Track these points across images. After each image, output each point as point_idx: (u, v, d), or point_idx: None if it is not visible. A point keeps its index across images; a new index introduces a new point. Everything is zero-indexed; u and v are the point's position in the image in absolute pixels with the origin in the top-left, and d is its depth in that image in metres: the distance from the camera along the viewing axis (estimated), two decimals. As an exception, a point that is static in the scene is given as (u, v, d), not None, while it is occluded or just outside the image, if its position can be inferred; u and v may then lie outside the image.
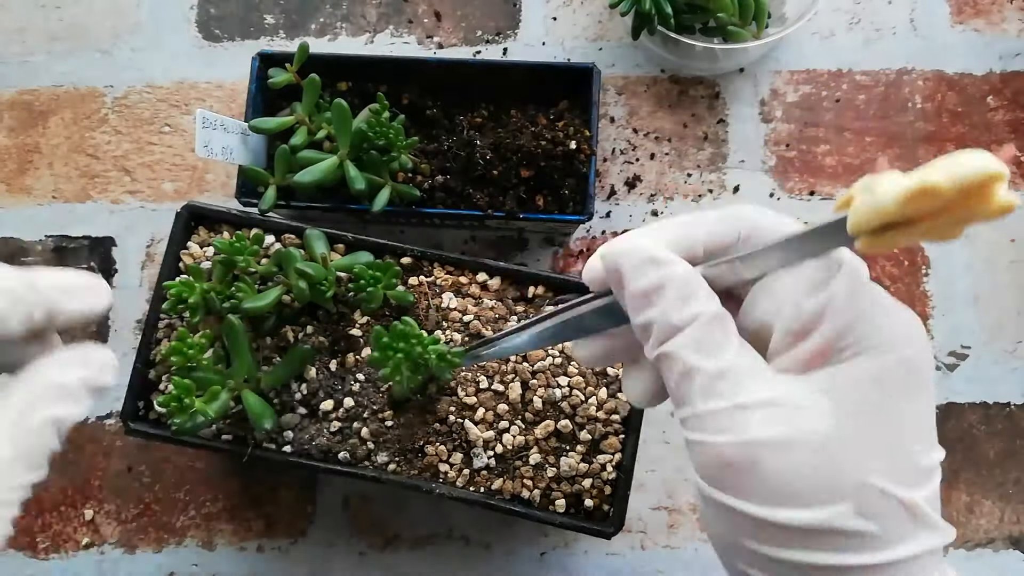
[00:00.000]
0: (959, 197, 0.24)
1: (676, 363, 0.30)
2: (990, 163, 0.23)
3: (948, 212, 0.24)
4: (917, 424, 0.28)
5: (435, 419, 0.51)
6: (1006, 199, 0.23)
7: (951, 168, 0.23)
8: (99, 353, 0.36)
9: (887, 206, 0.25)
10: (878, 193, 0.25)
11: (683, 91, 0.68)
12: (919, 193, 0.24)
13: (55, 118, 0.68)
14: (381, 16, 0.70)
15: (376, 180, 0.56)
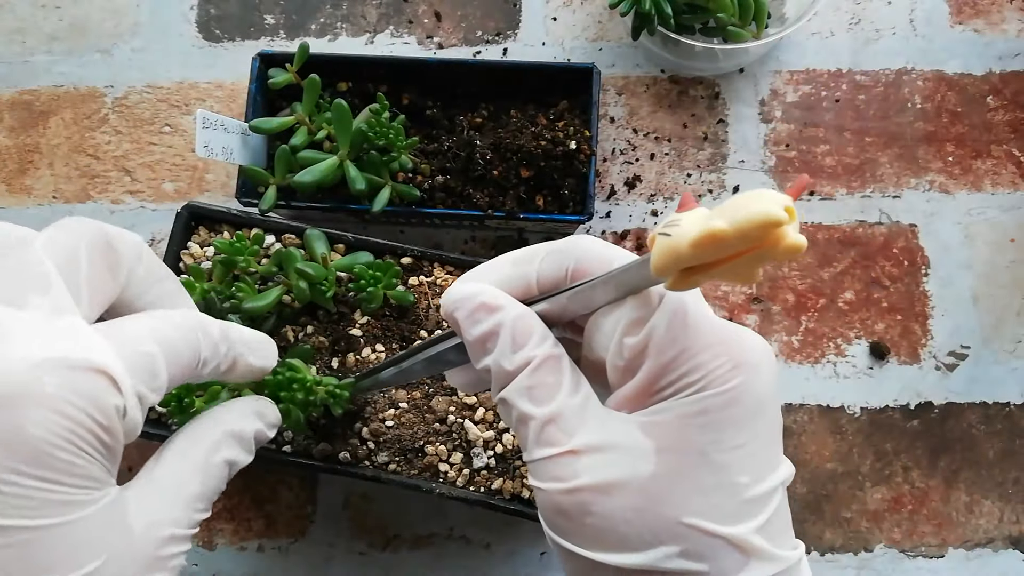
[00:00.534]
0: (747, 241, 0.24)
1: (512, 409, 0.31)
2: (771, 209, 0.23)
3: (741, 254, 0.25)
4: (744, 456, 0.28)
5: (435, 419, 0.51)
6: (794, 241, 0.23)
7: (735, 215, 0.24)
8: (272, 409, 0.40)
9: (681, 252, 0.25)
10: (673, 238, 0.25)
11: (683, 91, 0.68)
12: (707, 239, 0.24)
13: (55, 118, 0.68)
14: (381, 16, 0.70)
15: (376, 180, 0.56)
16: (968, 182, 0.66)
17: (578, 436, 0.29)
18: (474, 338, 0.31)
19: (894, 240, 0.65)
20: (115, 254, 0.33)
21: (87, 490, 0.28)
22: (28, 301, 0.28)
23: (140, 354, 0.29)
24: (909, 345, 0.63)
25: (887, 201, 0.66)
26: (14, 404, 0.25)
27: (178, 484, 0.32)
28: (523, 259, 0.33)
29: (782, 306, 0.64)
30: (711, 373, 0.28)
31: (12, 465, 0.25)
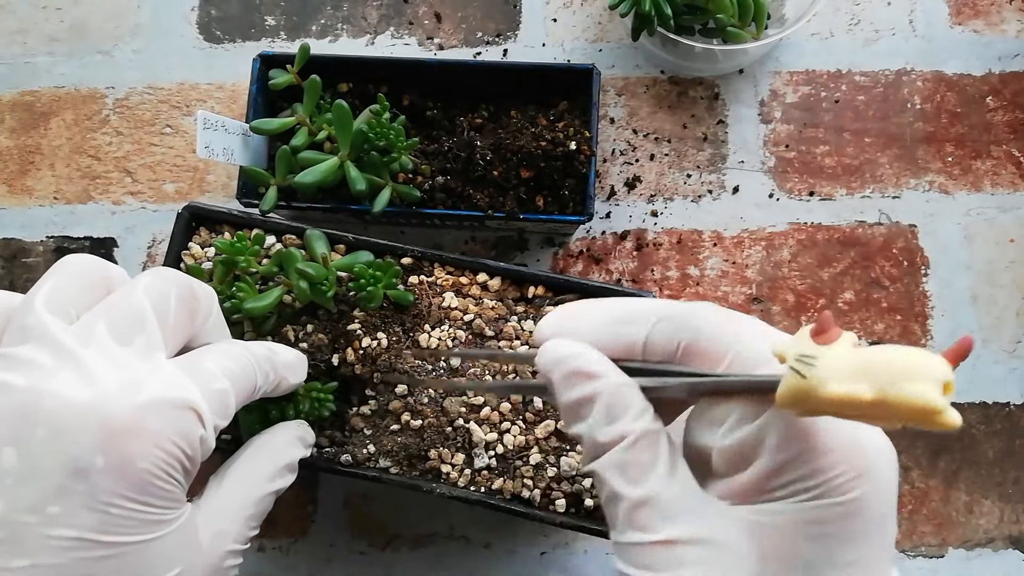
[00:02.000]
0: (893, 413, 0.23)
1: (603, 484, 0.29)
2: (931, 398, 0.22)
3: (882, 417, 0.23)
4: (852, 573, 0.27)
5: (447, 422, 0.51)
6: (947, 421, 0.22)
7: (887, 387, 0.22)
8: (310, 433, 0.45)
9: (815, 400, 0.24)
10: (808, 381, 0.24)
11: (683, 92, 0.68)
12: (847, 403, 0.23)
13: (56, 119, 0.68)
14: (382, 18, 0.70)
15: (377, 181, 0.56)
16: (968, 182, 0.66)
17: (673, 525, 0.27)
18: (568, 403, 0.30)
19: (894, 240, 0.65)
20: (196, 303, 0.36)
21: (171, 510, 0.32)
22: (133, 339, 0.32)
23: (217, 391, 0.34)
24: (909, 345, 0.63)
25: (887, 201, 0.66)
26: (125, 438, 0.30)
27: (239, 507, 0.37)
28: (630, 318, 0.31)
29: (782, 306, 0.64)
30: (830, 481, 0.26)
31: (121, 491, 0.30)
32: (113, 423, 0.29)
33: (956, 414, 0.22)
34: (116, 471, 0.29)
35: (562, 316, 0.33)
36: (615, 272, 0.65)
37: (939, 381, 0.22)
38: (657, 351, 0.30)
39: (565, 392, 0.30)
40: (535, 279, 0.54)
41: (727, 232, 0.65)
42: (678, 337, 0.30)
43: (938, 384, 0.22)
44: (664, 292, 0.64)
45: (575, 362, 0.30)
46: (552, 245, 0.65)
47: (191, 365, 0.34)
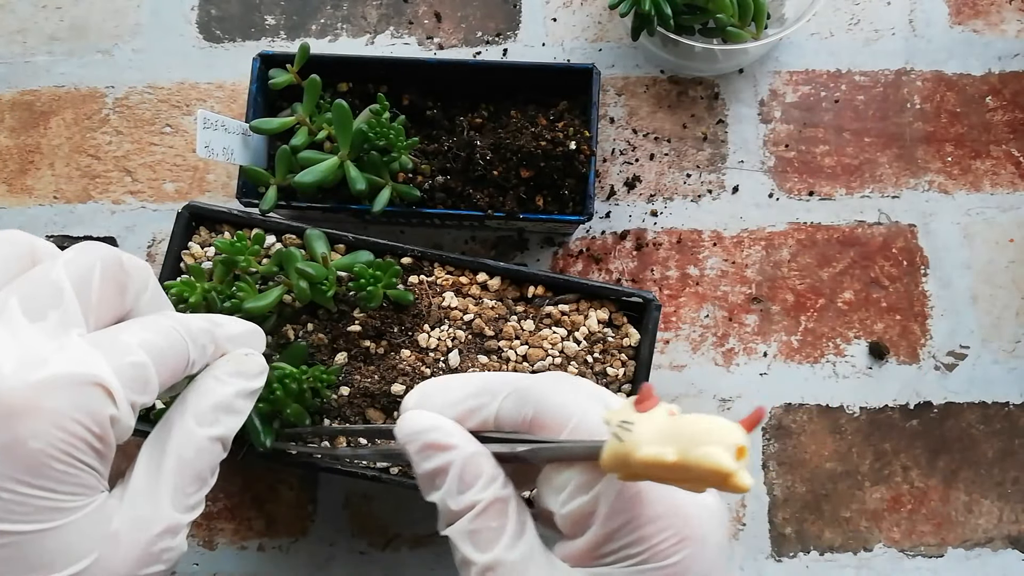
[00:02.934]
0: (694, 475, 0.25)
1: (456, 549, 0.31)
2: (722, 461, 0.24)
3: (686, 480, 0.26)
4: None
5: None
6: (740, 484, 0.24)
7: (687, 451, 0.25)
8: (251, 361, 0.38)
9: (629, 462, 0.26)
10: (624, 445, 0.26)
11: (682, 92, 0.68)
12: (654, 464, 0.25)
13: (56, 119, 0.68)
14: (381, 17, 0.70)
15: (376, 180, 0.56)
16: (967, 182, 0.66)
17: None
18: (424, 472, 0.32)
19: (893, 240, 0.65)
20: (126, 277, 0.34)
21: (78, 496, 0.29)
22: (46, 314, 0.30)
23: (131, 364, 0.31)
24: (908, 345, 0.63)
25: (886, 201, 0.66)
26: (16, 418, 0.27)
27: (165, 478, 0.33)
28: (486, 391, 0.33)
29: (781, 306, 0.64)
30: (654, 547, 0.28)
31: (11, 474, 0.27)
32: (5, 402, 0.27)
33: (747, 478, 0.24)
34: (7, 452, 0.27)
35: (423, 391, 0.34)
36: (615, 272, 0.65)
37: (732, 446, 0.24)
38: (507, 422, 0.32)
39: (420, 463, 0.32)
40: (535, 279, 0.54)
41: (727, 232, 0.65)
42: (524, 410, 0.32)
43: (731, 448, 0.24)
44: (664, 292, 0.64)
45: (430, 435, 0.32)
46: (552, 245, 0.65)
47: (105, 339, 0.31)
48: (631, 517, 0.29)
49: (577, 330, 0.53)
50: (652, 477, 0.26)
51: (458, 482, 0.31)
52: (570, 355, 0.52)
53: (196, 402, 0.35)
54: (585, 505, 0.30)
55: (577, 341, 0.52)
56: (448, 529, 0.31)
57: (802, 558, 0.60)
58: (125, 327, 0.33)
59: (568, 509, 0.30)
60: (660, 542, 0.29)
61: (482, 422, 0.33)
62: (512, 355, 0.52)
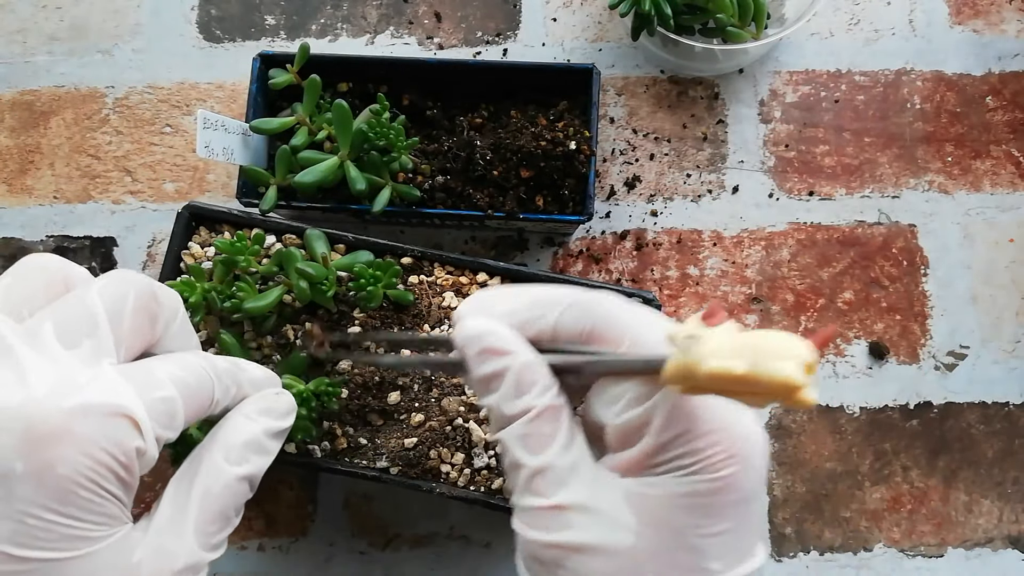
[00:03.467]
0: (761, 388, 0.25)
1: (507, 452, 0.32)
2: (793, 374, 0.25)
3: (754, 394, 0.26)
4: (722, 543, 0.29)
5: (446, 421, 0.51)
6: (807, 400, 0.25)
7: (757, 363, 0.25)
8: (281, 400, 0.39)
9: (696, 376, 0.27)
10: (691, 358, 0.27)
11: (682, 92, 0.68)
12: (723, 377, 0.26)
13: (56, 118, 0.68)
14: (381, 17, 0.70)
15: (376, 180, 0.56)
16: (967, 182, 0.66)
17: (565, 492, 0.30)
18: (479, 376, 0.33)
19: (893, 240, 0.65)
20: (158, 307, 0.35)
21: (101, 526, 0.30)
22: (80, 342, 0.30)
23: (161, 399, 0.31)
24: (908, 345, 0.63)
25: (886, 201, 0.66)
26: (46, 443, 0.27)
27: (190, 513, 0.33)
28: (543, 303, 0.33)
29: (781, 306, 0.64)
30: (705, 459, 0.29)
31: (39, 500, 0.27)
32: (37, 427, 0.27)
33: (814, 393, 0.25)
34: (36, 477, 0.27)
35: (482, 298, 0.34)
36: (615, 272, 0.65)
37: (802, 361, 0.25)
38: (565, 334, 0.33)
39: (478, 366, 0.32)
40: (535, 279, 0.54)
41: (727, 232, 0.65)
42: (583, 322, 0.32)
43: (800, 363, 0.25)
44: (664, 292, 0.64)
45: (488, 339, 0.32)
46: (552, 245, 0.65)
47: (136, 371, 0.32)
48: (684, 430, 0.29)
49: (577, 330, 0.53)
50: (715, 390, 0.27)
51: (514, 387, 0.31)
52: None
53: (226, 439, 0.35)
54: (639, 416, 0.30)
55: (577, 341, 0.52)
56: (501, 432, 0.32)
57: (802, 558, 0.60)
58: (157, 362, 0.33)
59: (622, 420, 0.31)
60: (711, 455, 0.29)
61: (538, 332, 0.33)
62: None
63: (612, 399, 0.32)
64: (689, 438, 0.29)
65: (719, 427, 0.30)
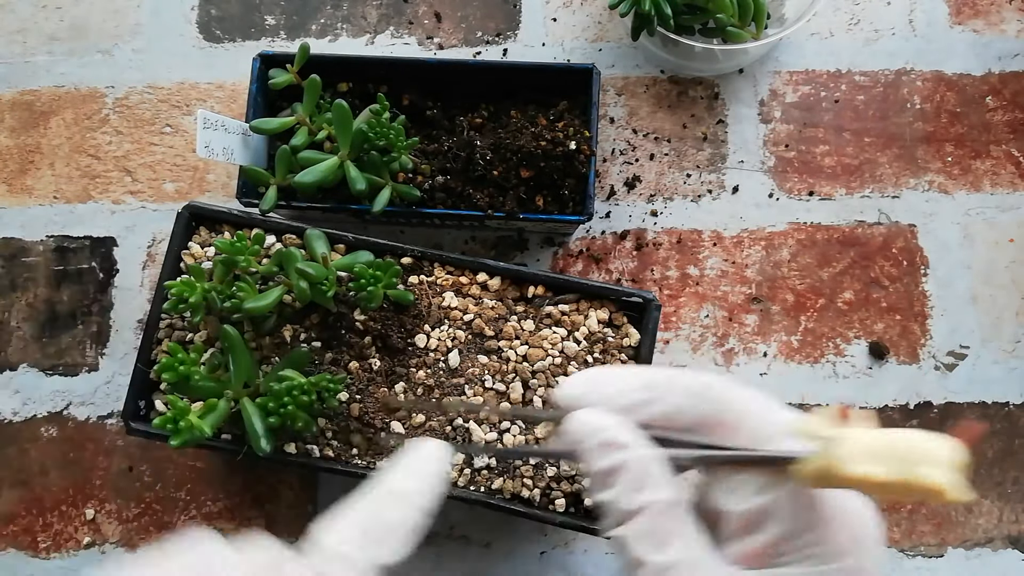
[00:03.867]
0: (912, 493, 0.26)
1: (627, 550, 0.31)
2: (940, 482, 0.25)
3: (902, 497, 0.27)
4: None
5: (446, 422, 0.51)
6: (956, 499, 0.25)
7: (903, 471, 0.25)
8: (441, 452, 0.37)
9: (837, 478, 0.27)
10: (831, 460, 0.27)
11: (682, 92, 0.68)
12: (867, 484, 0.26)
13: (56, 118, 0.68)
14: (381, 17, 0.70)
15: (376, 180, 0.56)
16: (967, 182, 0.66)
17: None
18: (599, 471, 0.32)
19: (893, 240, 0.65)
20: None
21: None
22: None
23: None
24: (908, 345, 0.63)
25: (886, 201, 0.66)
26: None
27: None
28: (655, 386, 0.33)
29: (781, 306, 0.64)
30: (833, 548, 0.29)
31: None
32: None
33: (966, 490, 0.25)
34: None
35: (588, 380, 0.34)
36: (615, 272, 0.65)
37: (950, 465, 0.25)
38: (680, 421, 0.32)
39: (596, 461, 0.32)
40: (535, 279, 0.54)
41: (727, 232, 0.65)
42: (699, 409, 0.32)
43: (949, 469, 0.25)
44: (664, 292, 0.64)
45: (606, 433, 0.32)
46: (552, 245, 0.65)
47: None
48: (813, 517, 0.29)
49: (577, 330, 0.53)
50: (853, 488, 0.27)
51: (634, 482, 0.31)
52: (570, 355, 0.52)
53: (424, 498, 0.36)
54: (765, 504, 0.30)
55: (577, 341, 0.52)
56: (620, 529, 0.31)
57: (802, 558, 0.60)
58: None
59: (745, 508, 0.31)
60: (840, 541, 0.29)
61: (651, 418, 0.32)
62: (512, 355, 0.52)
63: (733, 487, 0.31)
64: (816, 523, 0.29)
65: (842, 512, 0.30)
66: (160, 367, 0.46)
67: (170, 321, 0.53)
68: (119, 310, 0.64)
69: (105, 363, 0.64)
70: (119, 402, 0.54)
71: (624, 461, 0.31)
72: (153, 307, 0.54)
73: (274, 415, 0.46)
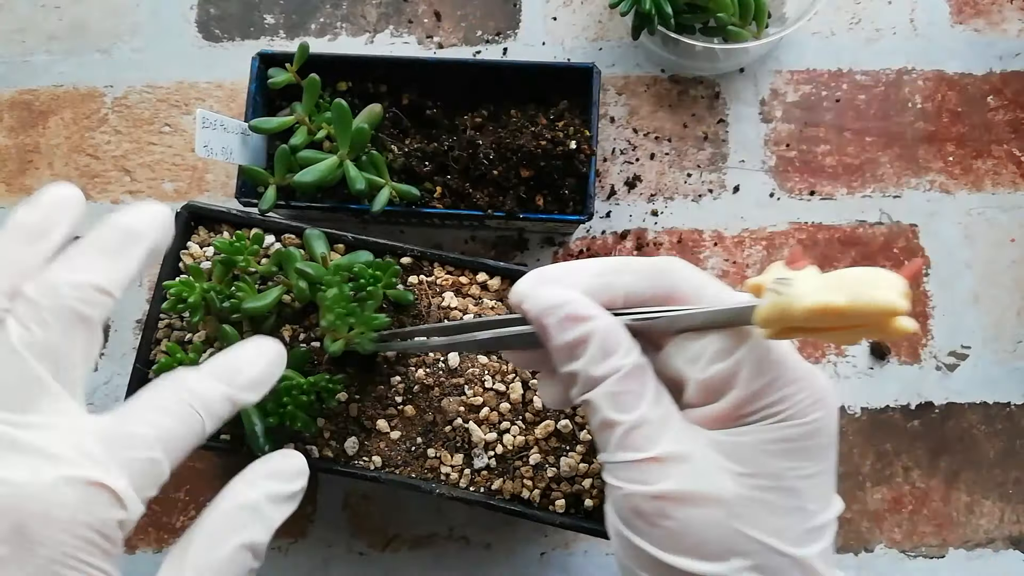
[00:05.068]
0: (859, 320, 0.26)
1: (596, 413, 0.32)
2: (895, 300, 0.25)
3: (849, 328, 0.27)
4: (815, 485, 0.31)
5: (444, 422, 0.51)
6: (906, 328, 0.26)
7: (855, 294, 0.26)
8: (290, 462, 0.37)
9: (792, 315, 0.27)
10: (786, 299, 0.27)
11: (683, 91, 0.68)
12: (822, 312, 0.26)
13: (55, 118, 0.68)
14: (381, 16, 0.70)
15: (376, 180, 0.56)
16: (968, 182, 0.66)
17: (661, 444, 0.31)
18: (562, 344, 0.33)
19: (894, 240, 0.65)
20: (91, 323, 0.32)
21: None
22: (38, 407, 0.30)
23: (144, 460, 0.31)
24: (910, 345, 0.63)
25: (887, 201, 0.66)
26: (28, 528, 0.28)
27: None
28: (611, 270, 0.34)
29: (782, 306, 0.64)
30: (796, 405, 0.30)
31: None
32: (17, 511, 0.28)
33: (912, 322, 0.26)
34: (18, 561, 0.27)
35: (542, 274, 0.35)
36: (615, 272, 0.64)
37: (900, 291, 0.26)
38: (637, 299, 0.34)
39: (560, 335, 0.33)
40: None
41: (728, 232, 0.65)
42: (658, 285, 0.33)
43: (899, 291, 0.25)
44: (664, 292, 0.64)
45: (569, 307, 0.33)
46: (552, 245, 0.65)
47: (114, 432, 0.31)
48: (773, 378, 0.30)
49: (577, 330, 0.52)
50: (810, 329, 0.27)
51: (600, 350, 0.32)
52: None
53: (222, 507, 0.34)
54: (727, 369, 0.31)
55: (577, 341, 0.52)
56: (589, 394, 0.32)
57: (803, 559, 0.60)
58: (135, 412, 0.32)
59: (708, 374, 0.32)
60: (800, 400, 0.30)
61: (610, 299, 0.33)
62: (512, 355, 0.52)
63: (694, 355, 0.32)
64: (779, 385, 0.30)
65: (804, 375, 0.31)
66: (159, 367, 0.46)
67: (169, 321, 0.53)
68: (118, 310, 0.64)
69: (104, 363, 0.63)
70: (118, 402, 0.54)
71: (590, 331, 0.32)
72: (152, 307, 0.53)
73: (273, 415, 0.46)
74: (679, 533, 0.30)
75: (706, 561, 0.30)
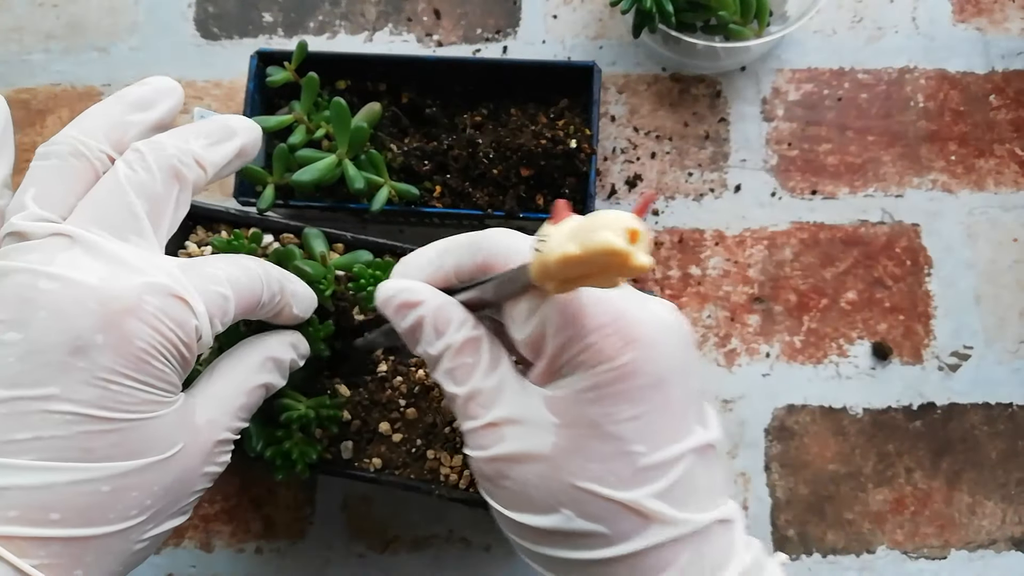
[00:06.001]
0: (598, 263, 0.26)
1: (442, 387, 0.35)
2: (610, 239, 0.26)
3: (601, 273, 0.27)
4: (639, 428, 0.31)
5: (444, 423, 0.50)
6: (637, 264, 0.26)
7: (584, 240, 0.26)
8: (304, 343, 0.44)
9: (549, 268, 0.28)
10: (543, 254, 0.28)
11: (684, 90, 0.67)
12: (566, 262, 0.27)
13: (52, 116, 0.68)
14: (380, 14, 0.70)
15: (375, 179, 0.55)
16: (971, 181, 0.66)
17: (494, 411, 0.33)
18: (404, 331, 0.36)
19: (897, 240, 0.65)
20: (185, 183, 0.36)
21: (168, 393, 0.34)
22: (128, 238, 0.34)
23: (216, 293, 0.35)
24: (912, 345, 0.63)
25: (889, 200, 0.65)
26: (123, 318, 0.31)
27: (229, 396, 0.38)
28: (443, 251, 0.36)
29: (784, 306, 0.64)
30: (601, 352, 0.31)
31: (119, 368, 0.31)
32: (112, 303, 0.31)
33: (644, 257, 0.26)
34: (114, 348, 0.31)
35: (401, 262, 0.38)
36: (616, 271, 0.64)
37: (621, 228, 0.26)
38: (466, 273, 0.35)
39: (400, 322, 0.35)
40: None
41: (729, 231, 0.65)
42: (476, 256, 0.35)
43: (620, 231, 0.26)
44: (665, 292, 0.64)
45: (400, 296, 0.35)
46: (552, 244, 0.65)
47: (195, 267, 0.35)
48: (576, 329, 0.31)
49: (578, 330, 0.52)
50: (575, 279, 0.28)
51: (433, 331, 0.34)
52: None
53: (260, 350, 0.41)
54: (536, 327, 0.32)
55: (578, 341, 0.52)
56: (435, 373, 0.35)
57: (805, 560, 0.60)
58: (214, 260, 0.37)
59: (524, 335, 0.33)
60: (606, 346, 0.31)
61: (445, 278, 0.36)
62: (512, 356, 0.51)
63: (513, 318, 0.34)
64: (581, 335, 0.31)
65: (611, 319, 0.31)
66: None
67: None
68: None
69: (101, 363, 0.63)
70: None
71: (422, 315, 0.34)
72: (149, 307, 0.53)
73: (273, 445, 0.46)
74: (516, 492, 0.32)
75: (541, 515, 0.31)
